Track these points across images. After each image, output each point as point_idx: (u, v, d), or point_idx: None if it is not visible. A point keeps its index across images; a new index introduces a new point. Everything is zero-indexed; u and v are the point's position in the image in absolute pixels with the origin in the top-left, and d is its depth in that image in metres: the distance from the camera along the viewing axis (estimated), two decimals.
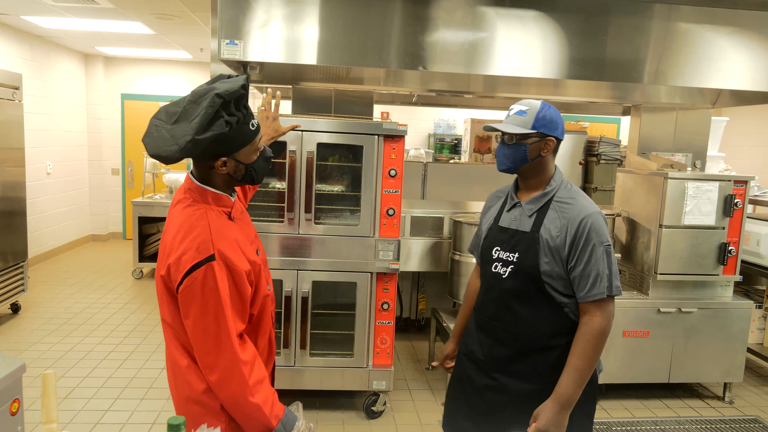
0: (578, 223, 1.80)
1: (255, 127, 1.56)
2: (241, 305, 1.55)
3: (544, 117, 1.85)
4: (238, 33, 3.08)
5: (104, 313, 5.32)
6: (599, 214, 1.83)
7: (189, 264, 1.46)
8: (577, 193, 1.89)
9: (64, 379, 3.90)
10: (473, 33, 3.36)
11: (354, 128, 3.34)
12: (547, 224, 1.85)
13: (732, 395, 4.07)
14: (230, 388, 1.50)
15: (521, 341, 1.90)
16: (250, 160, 1.58)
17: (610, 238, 1.84)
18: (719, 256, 3.84)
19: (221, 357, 1.49)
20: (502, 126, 1.88)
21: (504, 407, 1.94)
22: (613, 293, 1.79)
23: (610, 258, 1.80)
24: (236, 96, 1.47)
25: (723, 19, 3.56)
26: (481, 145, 6.36)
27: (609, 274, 1.79)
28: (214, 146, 1.47)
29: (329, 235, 3.40)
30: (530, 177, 1.92)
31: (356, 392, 3.76)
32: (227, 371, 1.49)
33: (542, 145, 1.87)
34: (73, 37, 6.99)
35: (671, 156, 4.77)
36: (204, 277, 1.45)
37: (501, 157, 1.92)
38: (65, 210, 7.89)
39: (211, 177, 1.57)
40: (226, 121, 1.45)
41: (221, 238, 1.50)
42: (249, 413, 1.52)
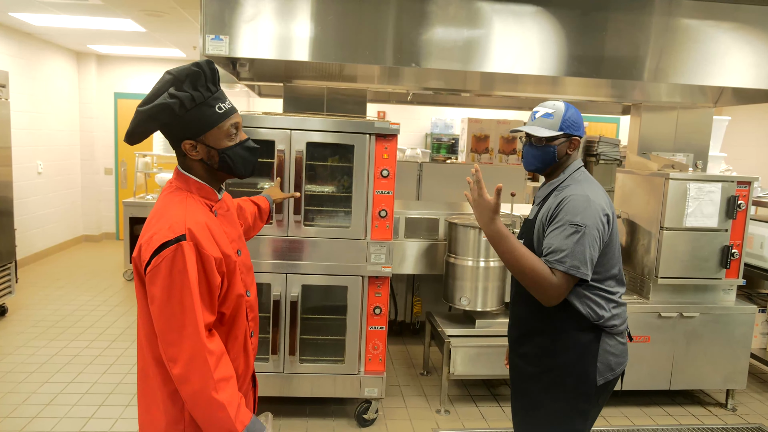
0: (558, 203, 1.88)
1: (223, 110, 1.53)
2: (209, 295, 1.47)
3: (569, 118, 1.94)
4: (224, 27, 2.97)
5: (93, 315, 5.20)
6: (584, 197, 1.85)
7: (159, 242, 1.42)
8: (580, 180, 1.95)
9: (48, 385, 3.79)
10: (469, 29, 3.26)
11: (345, 127, 3.23)
12: (543, 210, 1.95)
13: (735, 402, 3.96)
14: (193, 381, 1.40)
15: (526, 323, 2.02)
16: (221, 145, 1.54)
17: (593, 222, 1.81)
18: (722, 259, 3.73)
19: (185, 345, 1.40)
20: (532, 129, 1.94)
21: (515, 387, 2.10)
22: (560, 269, 1.78)
23: (575, 238, 1.79)
24: (187, 73, 1.47)
25: (724, 14, 3.47)
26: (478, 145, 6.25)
27: (566, 251, 1.78)
28: (171, 125, 1.48)
29: (319, 238, 3.29)
30: (554, 173, 2.01)
31: (347, 399, 3.65)
32: (191, 361, 1.40)
33: (568, 144, 1.96)
34: (64, 35, 6.87)
35: (672, 156, 4.67)
36: (173, 257, 1.40)
37: (529, 158, 2.00)
38: (57, 210, 7.77)
39: (191, 165, 1.57)
40: (171, 94, 1.45)
41: (194, 221, 1.47)
42: (211, 412, 1.41)
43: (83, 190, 8.51)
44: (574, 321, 1.89)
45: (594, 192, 1.89)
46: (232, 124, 1.55)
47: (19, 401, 3.57)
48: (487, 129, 6.10)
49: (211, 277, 1.46)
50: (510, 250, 1.80)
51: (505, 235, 1.82)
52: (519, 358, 2.05)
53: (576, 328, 1.89)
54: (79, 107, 8.33)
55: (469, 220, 3.85)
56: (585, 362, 1.88)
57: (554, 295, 1.79)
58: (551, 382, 1.92)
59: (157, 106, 1.45)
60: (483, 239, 3.72)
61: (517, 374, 2.06)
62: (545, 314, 1.91)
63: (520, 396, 2.04)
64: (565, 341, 1.90)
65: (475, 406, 3.79)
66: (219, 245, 1.51)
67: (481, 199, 1.84)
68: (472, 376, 3.74)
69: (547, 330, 1.93)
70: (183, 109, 1.46)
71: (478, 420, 3.61)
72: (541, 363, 1.95)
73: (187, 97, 1.46)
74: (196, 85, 1.48)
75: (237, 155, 1.57)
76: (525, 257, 1.79)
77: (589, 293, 1.88)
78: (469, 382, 4.11)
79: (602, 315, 1.89)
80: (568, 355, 1.89)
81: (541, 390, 1.94)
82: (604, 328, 1.90)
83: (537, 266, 1.79)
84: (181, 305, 1.40)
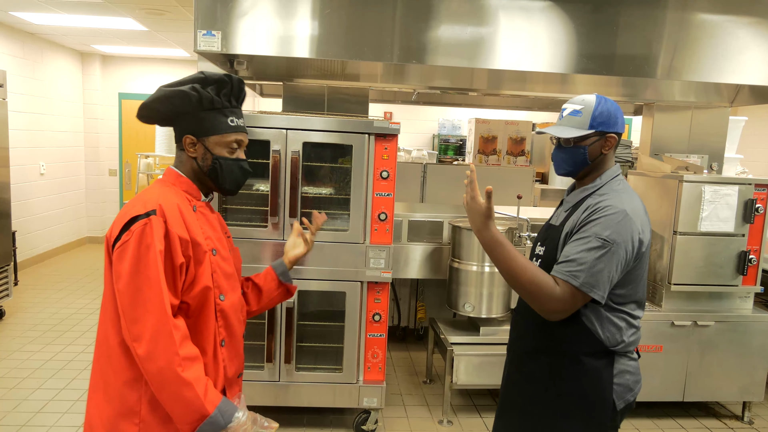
0: (591, 211, 1.68)
1: (234, 124, 1.59)
2: (171, 276, 1.44)
3: (601, 114, 1.71)
4: (216, 23, 2.85)
5: (91, 319, 5.11)
6: (621, 212, 1.64)
7: (129, 216, 1.43)
8: (619, 191, 1.72)
9: (40, 392, 3.69)
10: (476, 24, 3.13)
11: (343, 126, 3.11)
12: (573, 216, 1.74)
13: (752, 415, 3.79)
14: (158, 358, 1.36)
15: (533, 339, 1.83)
16: (218, 153, 1.59)
17: (623, 241, 1.62)
18: (738, 265, 3.57)
19: (149, 320, 1.37)
20: (556, 131, 1.74)
21: (512, 405, 1.92)
22: (573, 282, 1.60)
23: (598, 254, 1.60)
24: (216, 78, 1.57)
25: (742, 8, 3.32)
26: (486, 146, 6.10)
27: (583, 266, 1.59)
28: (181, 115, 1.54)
29: (317, 241, 3.15)
30: (587, 175, 1.80)
31: (346, 409, 3.52)
32: (155, 336, 1.36)
33: (603, 143, 1.74)
34: (66, 35, 6.81)
35: (686, 158, 4.50)
36: (142, 231, 1.41)
37: (559, 162, 1.80)
38: (60, 211, 7.72)
39: (183, 162, 1.61)
40: (195, 88, 1.53)
41: (167, 200, 1.49)
42: (178, 391, 1.36)
43: (87, 192, 8.45)
44: (588, 345, 1.70)
45: (633, 208, 1.67)
46: (237, 140, 1.61)
47: (9, 408, 3.47)
48: (495, 130, 5.95)
49: (174, 256, 1.44)
50: (506, 258, 1.65)
51: (499, 241, 1.66)
52: (522, 375, 1.86)
53: (588, 353, 1.70)
54: (83, 108, 8.28)
55: None
56: (601, 388, 1.70)
57: (555, 309, 1.62)
58: (564, 409, 1.74)
59: (179, 91, 1.52)
60: None
61: (519, 392, 1.88)
62: (555, 333, 1.72)
63: (523, 417, 1.84)
64: (576, 366, 1.71)
65: (479, 417, 3.65)
66: (189, 229, 1.50)
67: (474, 202, 1.69)
68: (476, 385, 3.60)
69: (557, 351, 1.74)
70: (199, 105, 1.54)
71: (482, 431, 3.47)
72: (550, 386, 1.76)
73: (207, 97, 1.54)
74: (219, 92, 1.57)
75: (228, 168, 1.60)
76: (522, 267, 1.64)
77: (612, 316, 1.69)
78: (472, 392, 3.96)
79: (620, 340, 1.71)
80: (581, 382, 1.71)
81: (551, 415, 1.76)
82: (617, 352, 1.73)
83: (537, 276, 1.62)
84: (147, 279, 1.39)
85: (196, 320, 1.51)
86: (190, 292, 1.49)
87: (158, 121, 1.61)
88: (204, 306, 1.52)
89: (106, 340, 1.47)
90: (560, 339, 1.72)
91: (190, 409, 1.38)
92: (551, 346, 1.75)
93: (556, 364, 1.75)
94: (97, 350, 1.51)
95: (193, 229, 1.51)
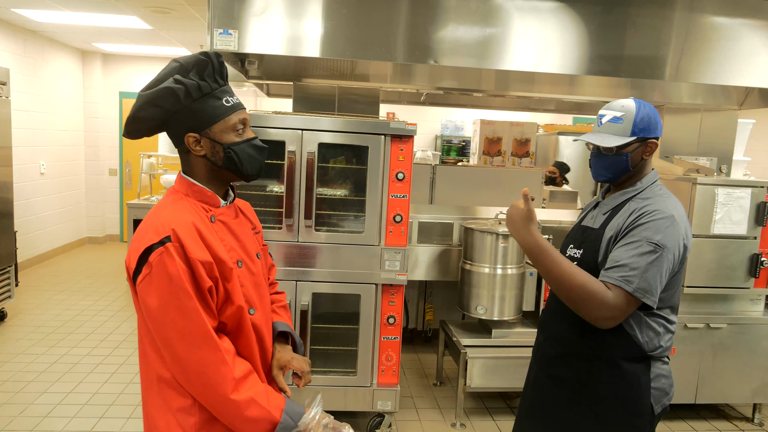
0: (638, 215, 1.65)
1: (231, 104, 1.43)
2: (201, 300, 1.33)
3: (642, 119, 1.68)
4: (233, 21, 2.82)
5: (95, 321, 5.06)
6: (669, 216, 1.62)
7: (144, 246, 1.31)
8: (663, 195, 1.71)
9: (46, 395, 3.64)
10: (487, 25, 3.12)
11: (359, 127, 3.08)
12: (615, 220, 1.71)
13: (762, 417, 3.79)
14: (213, 391, 1.30)
15: (567, 343, 1.78)
16: (227, 140, 1.43)
17: (672, 246, 1.60)
18: (751, 268, 3.57)
19: (194, 356, 1.29)
20: (598, 139, 1.70)
21: (538, 410, 1.88)
22: (626, 288, 1.56)
23: (650, 258, 1.57)
24: (195, 62, 1.39)
25: (751, 11, 3.31)
26: (491, 148, 6.09)
27: (636, 271, 1.56)
28: (174, 115, 1.38)
29: (331, 243, 3.14)
30: (627, 181, 1.78)
31: (359, 412, 3.49)
32: (204, 371, 1.30)
33: (644, 149, 1.73)
34: (68, 32, 6.75)
35: (695, 160, 4.50)
36: (160, 263, 1.29)
37: (599, 169, 1.76)
38: (60, 211, 7.65)
39: (194, 165, 1.46)
40: (177, 80, 1.36)
41: (180, 221, 1.35)
42: (243, 414, 1.32)
43: (87, 192, 8.38)
44: (625, 349, 1.68)
45: (679, 214, 1.66)
46: (240, 119, 1.45)
47: (16, 413, 3.42)
48: (500, 131, 5.94)
49: (200, 282, 1.33)
50: (552, 264, 1.61)
51: (544, 247, 1.62)
52: (550, 379, 1.83)
53: (625, 358, 1.68)
54: (83, 107, 8.21)
55: (485, 224, 3.69)
56: (639, 393, 1.69)
57: (607, 316, 1.58)
58: (602, 413, 1.72)
59: (162, 90, 1.35)
60: (501, 245, 3.56)
61: (547, 396, 1.84)
62: (593, 337, 1.69)
63: (552, 421, 1.82)
64: (614, 371, 1.69)
65: (491, 420, 3.63)
66: (210, 248, 1.37)
67: (512, 207, 1.67)
68: (490, 388, 3.58)
69: (593, 355, 1.72)
70: (189, 97, 1.37)
71: None
72: (584, 390, 1.74)
73: (194, 85, 1.37)
74: (202, 75, 1.39)
75: (244, 152, 1.45)
76: (570, 272, 1.59)
77: (651, 320, 1.67)
78: (484, 394, 3.94)
79: (658, 345, 1.69)
80: (619, 386, 1.69)
81: (587, 420, 1.74)
82: (653, 356, 1.71)
83: (587, 282, 1.58)
84: (180, 311, 1.29)
85: (234, 340, 1.43)
86: (225, 312, 1.40)
87: (149, 131, 1.44)
88: (240, 325, 1.44)
89: (151, 372, 1.39)
90: (597, 343, 1.70)
91: (259, 425, 1.33)
92: (587, 351, 1.73)
93: (592, 369, 1.72)
94: (145, 383, 1.42)
95: (215, 246, 1.39)
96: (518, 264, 3.62)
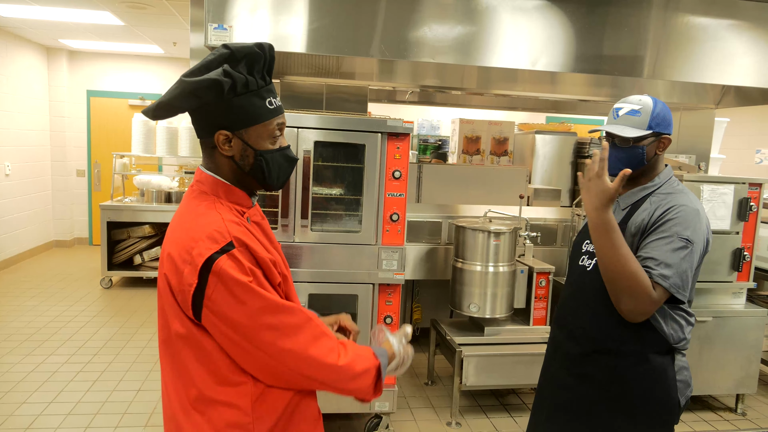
0: (665, 210, 1.67)
1: (274, 106, 1.31)
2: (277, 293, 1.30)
3: (658, 114, 1.72)
4: (226, 16, 2.74)
5: (71, 327, 4.88)
6: (695, 210, 1.65)
7: (204, 257, 1.19)
8: (683, 191, 1.74)
9: (26, 406, 3.48)
10: (472, 22, 3.10)
11: (355, 125, 3.04)
12: (637, 215, 1.73)
13: (744, 407, 3.90)
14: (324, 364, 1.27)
15: (593, 340, 1.77)
16: (261, 146, 1.31)
17: (700, 240, 1.63)
18: (734, 262, 3.66)
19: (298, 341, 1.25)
20: (616, 129, 1.72)
21: (563, 409, 1.86)
22: (663, 284, 1.58)
23: (683, 254, 1.60)
24: (247, 52, 1.25)
25: (724, 11, 3.39)
26: (470, 146, 6.12)
27: (672, 266, 1.59)
28: (211, 108, 1.26)
29: (327, 243, 3.09)
30: (640, 176, 1.79)
31: (354, 414, 3.45)
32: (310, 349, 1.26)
33: (658, 144, 1.75)
34: (34, 28, 6.49)
35: (675, 158, 4.60)
36: (228, 272, 1.19)
37: (614, 161, 1.75)
38: (26, 214, 7.36)
39: (218, 164, 1.34)
40: (226, 71, 1.23)
41: (236, 228, 1.26)
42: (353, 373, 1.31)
43: (54, 193, 8.09)
44: (653, 343, 1.70)
45: (702, 208, 1.70)
46: (279, 124, 1.34)
47: None
48: (479, 130, 5.97)
49: (271, 277, 1.28)
50: (615, 245, 1.60)
51: (613, 227, 1.61)
52: (576, 378, 1.81)
53: (654, 351, 1.70)
54: (49, 106, 7.91)
55: (477, 222, 3.69)
56: (667, 386, 1.71)
57: (646, 311, 1.60)
58: (630, 409, 1.72)
59: (208, 80, 1.21)
60: (493, 243, 3.57)
61: (573, 396, 1.83)
62: (620, 333, 1.70)
63: (580, 422, 1.81)
64: (643, 365, 1.70)
65: (486, 418, 3.63)
66: (266, 248, 1.33)
67: (600, 180, 1.62)
68: (485, 386, 3.58)
69: (621, 351, 1.72)
70: (232, 92, 1.24)
71: None
72: (612, 387, 1.74)
73: (242, 79, 1.24)
74: (252, 70, 1.27)
75: (275, 162, 1.34)
76: (628, 258, 1.58)
77: (674, 313, 1.69)
78: (477, 393, 3.94)
79: (682, 337, 1.72)
80: (648, 381, 1.70)
81: (616, 417, 1.74)
82: (677, 349, 1.73)
83: (639, 273, 1.58)
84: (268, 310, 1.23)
85: None
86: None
87: (173, 115, 1.33)
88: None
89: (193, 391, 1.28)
90: (626, 339, 1.70)
91: (368, 376, 1.32)
92: (614, 347, 1.73)
93: (620, 365, 1.72)
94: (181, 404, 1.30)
95: (268, 247, 1.34)
96: (509, 261, 3.64)
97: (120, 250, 6.17)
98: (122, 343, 4.57)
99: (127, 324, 5.01)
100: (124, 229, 6.20)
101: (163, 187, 6.36)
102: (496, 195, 4.79)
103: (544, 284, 3.74)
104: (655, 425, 1.71)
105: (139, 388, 3.79)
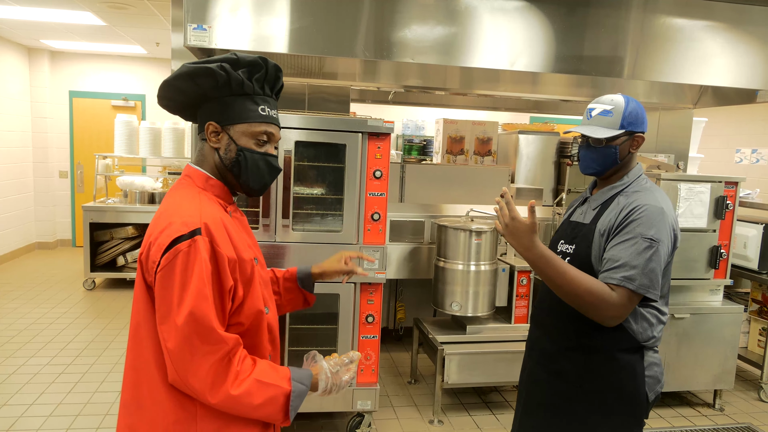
0: (629, 210, 1.69)
1: (266, 114, 1.41)
2: (219, 300, 1.29)
3: (630, 113, 1.74)
4: (206, 16, 2.75)
5: (52, 329, 4.84)
6: (658, 209, 1.67)
7: (171, 237, 1.25)
8: (650, 189, 1.76)
9: (7, 408, 3.46)
10: (453, 23, 3.13)
11: (336, 125, 3.05)
12: (606, 215, 1.76)
13: (722, 402, 3.97)
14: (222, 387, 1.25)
15: (567, 339, 1.81)
16: (244, 144, 1.40)
17: (665, 238, 1.66)
18: (711, 259, 3.72)
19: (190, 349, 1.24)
20: (589, 130, 1.75)
21: (540, 405, 1.90)
22: (629, 287, 1.61)
23: (648, 254, 1.63)
24: (250, 60, 1.38)
25: (703, 12, 3.44)
26: (454, 147, 6.15)
27: (637, 268, 1.61)
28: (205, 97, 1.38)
29: (309, 243, 3.10)
30: (613, 174, 1.82)
31: (337, 413, 3.47)
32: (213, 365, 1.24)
33: (631, 142, 1.78)
34: (15, 28, 6.42)
35: (654, 157, 4.67)
36: (187, 254, 1.24)
37: (587, 161, 1.80)
38: (7, 216, 7.28)
39: (205, 156, 1.43)
40: (223, 66, 1.34)
41: (210, 216, 1.33)
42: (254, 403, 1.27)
43: (36, 195, 8.01)
44: (622, 341, 1.72)
45: (667, 205, 1.72)
46: (267, 131, 1.42)
47: None
48: (463, 130, 6.01)
49: (223, 280, 1.29)
50: (560, 272, 1.63)
51: (549, 257, 1.64)
52: (550, 374, 1.85)
53: (622, 348, 1.73)
54: (30, 107, 7.83)
55: (458, 222, 3.72)
56: (636, 382, 1.74)
57: (615, 315, 1.62)
58: (602, 404, 1.76)
59: (203, 67, 1.34)
60: (474, 242, 3.60)
61: (548, 391, 1.87)
62: (590, 331, 1.73)
63: (553, 415, 1.84)
64: (612, 362, 1.73)
65: (468, 415, 3.66)
66: (235, 247, 1.35)
67: (515, 222, 1.64)
68: (467, 384, 3.61)
69: (591, 348, 1.76)
70: (227, 87, 1.36)
71: (473, 429, 3.48)
72: (584, 382, 1.77)
73: (237, 79, 1.35)
74: (252, 76, 1.38)
75: (254, 163, 1.41)
76: (576, 278, 1.62)
77: (645, 311, 1.72)
78: (459, 390, 3.97)
79: (651, 335, 1.75)
80: (618, 377, 1.74)
81: (587, 411, 1.78)
82: (646, 346, 1.77)
83: (593, 286, 1.61)
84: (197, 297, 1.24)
85: (251, 341, 1.39)
86: (241, 313, 1.36)
87: (181, 108, 1.44)
88: (258, 328, 1.41)
89: (147, 376, 1.31)
90: (595, 336, 1.73)
91: (274, 402, 1.29)
92: (585, 344, 1.76)
93: (591, 361, 1.76)
94: (134, 389, 1.34)
95: (239, 244, 1.37)
96: (491, 260, 3.67)
97: (103, 251, 6.13)
98: (104, 344, 4.54)
99: (110, 326, 4.98)
100: (107, 231, 6.16)
101: (146, 188, 6.32)
102: (479, 194, 4.83)
103: (525, 283, 3.78)
104: (627, 419, 1.75)
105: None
